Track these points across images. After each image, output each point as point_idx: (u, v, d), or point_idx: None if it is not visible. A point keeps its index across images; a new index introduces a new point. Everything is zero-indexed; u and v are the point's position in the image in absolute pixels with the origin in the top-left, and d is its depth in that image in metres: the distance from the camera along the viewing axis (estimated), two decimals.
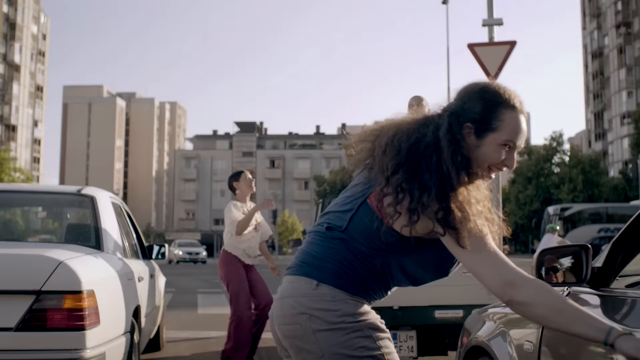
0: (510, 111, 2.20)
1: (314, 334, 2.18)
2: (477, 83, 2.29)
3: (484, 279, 2.11)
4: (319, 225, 2.35)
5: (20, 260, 3.92)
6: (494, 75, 12.81)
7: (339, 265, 2.23)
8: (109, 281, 4.32)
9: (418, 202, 2.11)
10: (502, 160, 2.22)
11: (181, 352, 7.88)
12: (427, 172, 2.13)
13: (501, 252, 2.13)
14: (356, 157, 2.38)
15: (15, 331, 3.68)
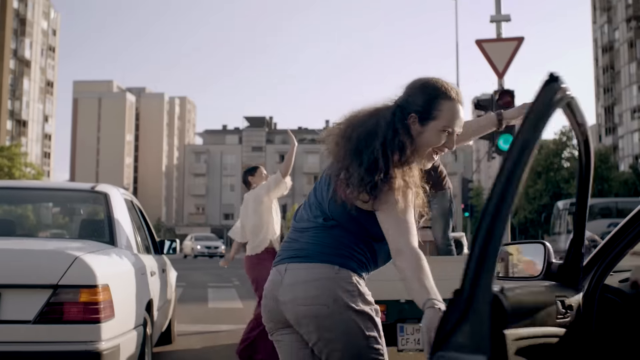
0: (448, 102, 2.57)
1: (340, 313, 2.47)
2: (420, 79, 2.66)
3: (387, 240, 2.45)
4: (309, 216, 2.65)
5: (38, 256, 4.07)
6: (502, 70, 12.93)
7: (347, 250, 2.55)
8: (122, 276, 4.46)
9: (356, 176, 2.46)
10: (442, 143, 2.58)
11: (192, 345, 8.01)
12: (366, 153, 2.47)
13: (413, 224, 2.45)
14: (327, 150, 2.67)
15: (33, 324, 3.82)
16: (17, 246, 4.46)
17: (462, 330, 1.74)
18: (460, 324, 1.74)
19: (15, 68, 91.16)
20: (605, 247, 2.68)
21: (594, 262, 2.69)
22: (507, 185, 1.68)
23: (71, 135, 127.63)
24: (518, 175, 1.68)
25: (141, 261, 5.19)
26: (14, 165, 67.95)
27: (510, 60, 12.86)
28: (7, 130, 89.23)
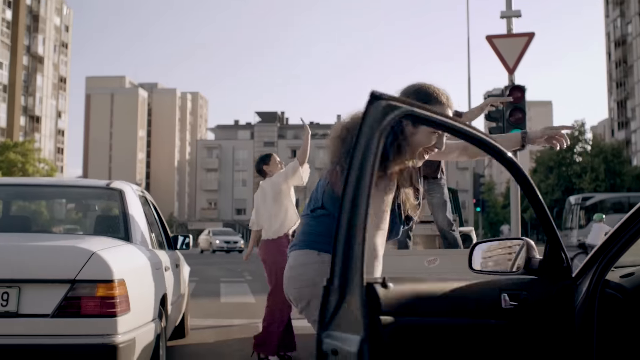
0: (438, 106, 2.83)
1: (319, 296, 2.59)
2: (414, 84, 2.92)
3: None
4: (307, 210, 2.97)
5: (56, 251, 4.19)
6: (512, 66, 12.94)
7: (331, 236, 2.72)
8: (138, 271, 4.57)
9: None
10: (433, 144, 2.82)
11: (205, 339, 8.12)
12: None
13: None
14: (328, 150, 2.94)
15: (51, 317, 3.94)
16: (35, 242, 4.58)
17: (340, 314, 2.03)
18: (339, 308, 2.03)
19: (28, 64, 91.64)
20: (607, 242, 2.75)
21: (596, 257, 2.77)
22: (356, 191, 2.02)
23: (84, 131, 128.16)
24: (365, 185, 2.01)
25: (156, 256, 5.30)
26: (27, 161, 68.34)
27: (521, 55, 12.84)
28: (21, 126, 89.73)
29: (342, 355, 1.98)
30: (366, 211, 2.01)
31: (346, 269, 2.01)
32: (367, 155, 2.05)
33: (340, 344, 2.00)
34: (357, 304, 1.98)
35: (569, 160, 64.50)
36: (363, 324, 1.94)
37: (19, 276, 3.97)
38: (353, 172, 2.02)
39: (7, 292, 3.93)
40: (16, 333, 3.91)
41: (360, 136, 2.03)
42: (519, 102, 12.09)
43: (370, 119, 2.06)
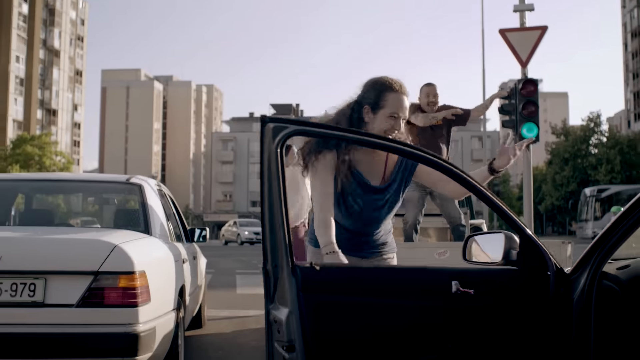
0: (393, 93, 3.38)
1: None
2: (372, 78, 3.48)
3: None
4: None
5: (80, 244, 4.38)
6: (525, 59, 13.00)
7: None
8: (158, 263, 4.75)
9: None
10: (392, 126, 3.36)
11: (222, 329, 8.30)
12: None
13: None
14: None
15: (76, 307, 4.12)
16: (60, 235, 4.77)
17: (277, 291, 2.63)
18: (276, 286, 2.64)
19: (44, 58, 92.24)
20: (604, 236, 2.89)
21: (593, 251, 2.91)
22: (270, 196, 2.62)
23: (100, 124, 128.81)
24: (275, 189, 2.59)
25: (174, 249, 5.48)
26: (44, 154, 68.87)
27: (534, 49, 12.89)
28: (38, 120, 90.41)
29: (278, 322, 2.57)
30: (281, 209, 2.59)
31: (275, 256, 2.59)
32: (270, 167, 2.61)
33: (277, 314, 2.58)
34: (286, 284, 2.54)
35: (584, 152, 64.19)
36: (290, 299, 2.50)
37: (45, 268, 4.15)
38: (264, 179, 2.60)
39: (34, 283, 4.11)
40: (42, 322, 4.09)
41: (262, 153, 2.62)
42: (531, 96, 12.17)
43: (266, 139, 2.63)
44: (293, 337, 2.49)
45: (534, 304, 2.84)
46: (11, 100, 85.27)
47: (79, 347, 4.12)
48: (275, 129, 2.62)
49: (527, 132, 12.12)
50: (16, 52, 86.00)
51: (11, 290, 4.10)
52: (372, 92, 3.42)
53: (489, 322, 2.80)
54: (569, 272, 2.95)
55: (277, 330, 2.58)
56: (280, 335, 2.56)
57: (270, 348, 2.70)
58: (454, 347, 2.77)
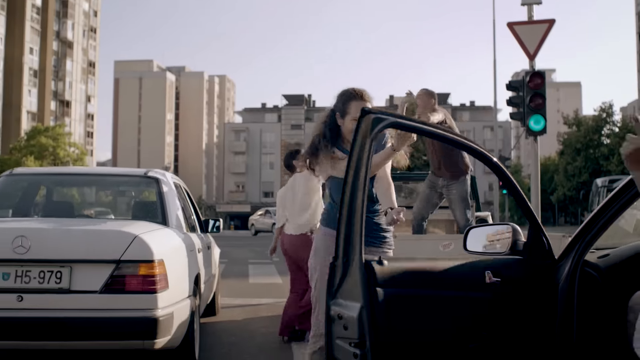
0: (356, 101, 4.09)
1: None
2: (342, 89, 4.23)
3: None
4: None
5: (103, 235, 4.68)
6: (533, 52, 13.15)
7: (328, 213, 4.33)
8: (175, 252, 5.04)
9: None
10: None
11: (235, 317, 8.60)
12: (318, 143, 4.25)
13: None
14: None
15: (99, 293, 4.43)
16: (83, 226, 5.08)
17: (345, 286, 2.59)
18: (343, 281, 2.59)
19: (58, 49, 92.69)
20: (585, 227, 3.15)
21: (576, 240, 3.17)
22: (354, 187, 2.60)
23: (113, 115, 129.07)
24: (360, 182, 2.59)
25: (190, 239, 5.77)
26: (58, 145, 69.21)
27: (541, 42, 13.03)
28: (51, 111, 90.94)
29: (345, 319, 2.48)
30: (363, 201, 2.57)
31: (347, 250, 2.54)
32: (361, 156, 2.60)
33: (344, 310, 2.50)
34: (356, 278, 2.48)
35: (596, 142, 63.98)
36: (362, 294, 2.43)
37: (71, 257, 4.45)
38: (350, 168, 2.51)
39: (60, 271, 4.41)
40: (68, 307, 4.39)
41: (354, 144, 2.52)
42: (539, 88, 12.37)
43: (363, 129, 2.54)
44: (364, 332, 2.44)
45: (541, 290, 3.07)
46: (25, 91, 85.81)
47: (102, 330, 4.43)
48: (374, 120, 2.64)
49: (534, 125, 12.31)
50: (30, 44, 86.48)
51: (39, 277, 4.40)
52: (340, 101, 4.19)
53: (509, 310, 2.99)
54: (557, 259, 3.21)
55: (344, 326, 2.52)
56: (349, 332, 2.51)
57: (330, 345, 2.65)
58: (488, 334, 2.91)
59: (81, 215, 6.76)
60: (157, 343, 4.53)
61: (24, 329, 4.36)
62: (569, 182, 64.62)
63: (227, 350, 6.54)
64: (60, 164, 68.06)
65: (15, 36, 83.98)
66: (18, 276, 4.39)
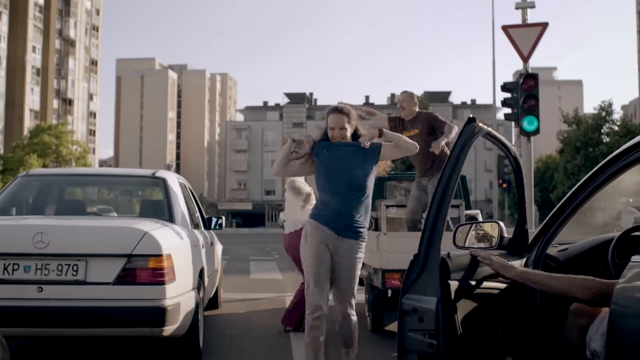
0: (331, 114, 4.90)
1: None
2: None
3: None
4: None
5: (115, 231, 5.10)
6: (527, 55, 13.52)
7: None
8: (181, 247, 5.44)
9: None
10: (332, 135, 4.87)
11: (237, 310, 9.00)
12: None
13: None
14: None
15: (112, 285, 4.83)
16: (97, 223, 5.50)
17: (420, 281, 2.83)
18: (419, 276, 2.83)
19: (60, 48, 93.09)
20: (547, 223, 3.54)
21: (540, 235, 3.57)
22: (445, 190, 2.84)
23: (115, 113, 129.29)
24: (453, 182, 2.83)
25: (194, 235, 6.18)
26: (61, 143, 69.50)
27: (535, 44, 13.38)
28: (54, 109, 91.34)
29: (421, 312, 2.75)
30: (449, 200, 2.87)
31: (429, 249, 2.82)
32: (460, 158, 2.90)
33: (420, 304, 2.78)
34: (434, 273, 2.79)
35: (595, 141, 64.17)
36: (439, 287, 2.75)
37: (86, 251, 4.86)
38: (447, 168, 2.88)
39: (76, 264, 4.82)
40: (84, 297, 4.80)
41: (455, 146, 2.91)
42: (532, 90, 12.75)
43: (466, 135, 2.92)
44: (438, 324, 2.68)
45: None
46: (28, 90, 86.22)
47: (115, 318, 4.84)
48: (477, 129, 2.95)
49: (527, 125, 12.69)
50: (32, 42, 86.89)
51: (57, 270, 4.81)
52: (325, 115, 4.98)
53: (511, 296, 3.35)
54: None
55: (418, 319, 2.74)
56: (425, 324, 2.73)
57: (403, 338, 2.82)
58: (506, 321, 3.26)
59: (87, 213, 7.15)
60: (165, 330, 4.94)
61: (43, 317, 4.76)
62: (568, 180, 64.81)
63: (229, 341, 6.93)
64: (63, 162, 68.48)
65: (18, 34, 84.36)
66: (38, 269, 4.80)
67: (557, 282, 2.88)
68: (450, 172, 2.85)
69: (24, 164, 64.41)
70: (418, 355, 2.73)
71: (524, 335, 3.33)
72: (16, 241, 4.85)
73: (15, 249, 4.82)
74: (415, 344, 2.76)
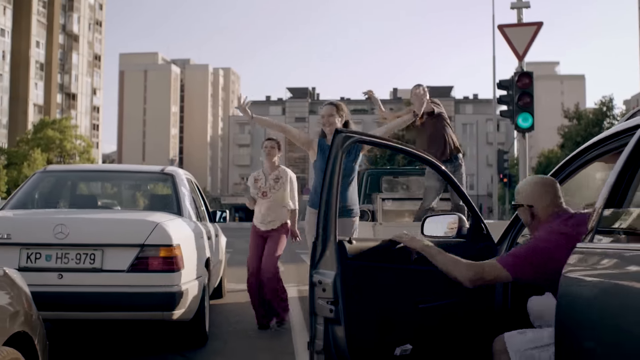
0: (325, 106, 6.13)
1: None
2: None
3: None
4: None
5: (129, 223, 5.56)
6: (522, 53, 13.91)
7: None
8: (189, 238, 5.88)
9: None
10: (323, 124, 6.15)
11: (239, 300, 9.41)
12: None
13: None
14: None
15: (127, 272, 5.28)
16: (112, 216, 5.95)
17: (323, 260, 3.42)
18: (322, 256, 3.43)
19: (64, 43, 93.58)
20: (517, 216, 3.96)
21: (511, 226, 4.00)
22: (329, 187, 3.40)
23: (118, 107, 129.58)
24: (334, 183, 3.40)
25: (200, 227, 6.62)
26: (65, 137, 69.90)
27: (530, 43, 13.77)
28: (58, 104, 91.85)
29: (324, 284, 3.33)
30: (336, 197, 3.41)
31: (326, 232, 3.40)
32: (335, 165, 3.47)
33: (323, 278, 3.35)
34: (333, 253, 3.34)
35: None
36: (336, 265, 3.26)
37: (102, 242, 5.31)
38: (327, 173, 3.40)
39: (94, 254, 5.26)
40: (101, 284, 5.25)
41: (330, 153, 3.46)
42: (527, 88, 13.17)
43: (336, 145, 3.50)
44: (337, 294, 3.24)
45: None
46: (32, 84, 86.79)
47: (129, 303, 5.28)
48: (344, 138, 3.50)
49: (522, 122, 13.10)
50: (36, 37, 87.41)
51: (76, 259, 5.25)
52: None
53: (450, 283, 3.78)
54: (496, 242, 4.04)
55: (323, 289, 3.31)
56: (326, 293, 3.30)
57: (312, 304, 3.41)
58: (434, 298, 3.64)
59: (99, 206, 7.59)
60: (175, 314, 5.38)
61: (63, 302, 5.20)
62: None
63: (234, 328, 7.36)
64: (66, 156, 68.96)
65: (22, 29, 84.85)
66: (58, 258, 5.24)
67: (444, 259, 3.33)
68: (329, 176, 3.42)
69: (28, 159, 64.91)
70: (324, 319, 3.32)
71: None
72: (38, 232, 5.30)
73: (37, 239, 5.27)
74: (320, 309, 3.33)
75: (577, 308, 2.57)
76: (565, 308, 2.66)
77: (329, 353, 3.33)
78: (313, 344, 3.40)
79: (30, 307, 3.03)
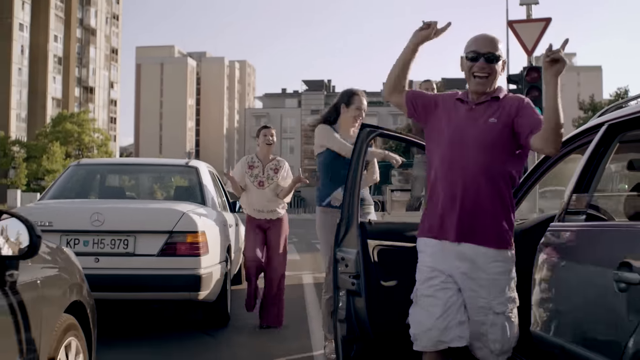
0: (357, 96, 5.65)
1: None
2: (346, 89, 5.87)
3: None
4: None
5: (159, 212, 6.09)
6: (531, 48, 14.26)
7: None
8: (213, 225, 6.39)
9: None
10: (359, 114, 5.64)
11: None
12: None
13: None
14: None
15: (157, 256, 5.80)
16: (143, 205, 6.49)
17: (346, 239, 3.91)
18: (345, 235, 3.91)
19: (81, 37, 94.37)
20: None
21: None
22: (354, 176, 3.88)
23: (135, 100, 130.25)
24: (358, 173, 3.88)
25: (223, 216, 7.13)
26: (83, 131, 70.57)
27: (539, 39, 14.11)
28: (75, 97, 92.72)
29: (347, 260, 3.80)
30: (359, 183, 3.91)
31: (350, 214, 3.89)
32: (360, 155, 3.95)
33: (346, 254, 3.83)
34: (355, 232, 3.84)
35: None
36: (358, 243, 3.78)
37: (135, 228, 5.83)
38: (353, 163, 3.91)
39: (127, 239, 5.78)
40: (134, 267, 5.77)
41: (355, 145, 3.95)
42: (535, 82, 13.52)
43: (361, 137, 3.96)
44: (359, 269, 3.67)
45: None
46: (50, 78, 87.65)
47: (159, 284, 5.80)
48: (369, 132, 3.97)
49: None
50: (54, 31, 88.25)
51: (111, 244, 5.77)
52: (346, 96, 5.65)
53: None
54: None
55: (345, 265, 3.77)
56: (349, 268, 3.72)
57: (335, 278, 3.86)
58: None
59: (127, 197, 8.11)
60: (200, 295, 5.89)
61: (100, 284, 5.63)
62: None
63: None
64: (85, 149, 69.72)
65: (40, 24, 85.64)
66: (95, 243, 5.76)
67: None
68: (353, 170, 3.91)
69: (47, 152, 65.69)
70: (347, 291, 3.75)
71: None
72: (76, 220, 5.83)
73: (75, 226, 5.80)
74: (343, 283, 3.75)
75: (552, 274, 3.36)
76: (543, 274, 3.41)
77: (350, 322, 3.77)
78: (336, 313, 3.86)
79: (83, 281, 3.52)
